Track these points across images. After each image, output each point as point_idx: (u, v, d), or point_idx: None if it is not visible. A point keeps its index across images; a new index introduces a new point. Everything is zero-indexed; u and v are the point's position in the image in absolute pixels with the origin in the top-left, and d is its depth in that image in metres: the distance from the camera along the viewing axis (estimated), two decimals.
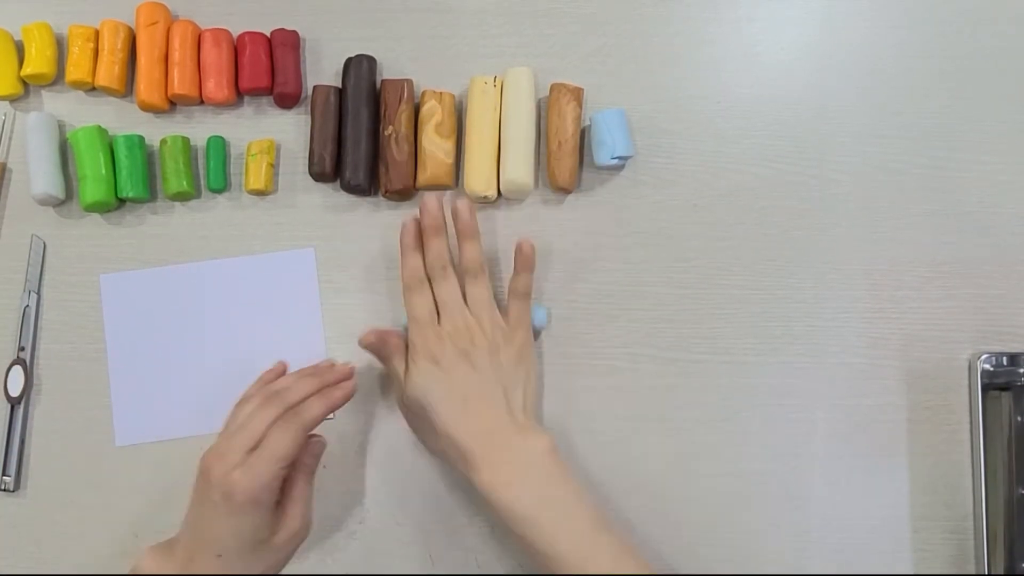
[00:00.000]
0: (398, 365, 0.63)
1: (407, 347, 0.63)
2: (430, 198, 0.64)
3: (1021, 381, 0.65)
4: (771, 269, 0.69)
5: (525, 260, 0.64)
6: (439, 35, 0.72)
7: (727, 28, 0.72)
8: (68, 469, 0.67)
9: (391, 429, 0.68)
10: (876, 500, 0.66)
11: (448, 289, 0.63)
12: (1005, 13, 0.72)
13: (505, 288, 0.69)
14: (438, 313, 0.63)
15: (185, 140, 0.70)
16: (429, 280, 0.64)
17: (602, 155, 0.68)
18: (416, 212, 0.65)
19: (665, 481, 0.67)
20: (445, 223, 0.65)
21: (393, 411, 0.67)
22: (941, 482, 0.66)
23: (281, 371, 0.64)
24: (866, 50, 0.72)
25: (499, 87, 0.69)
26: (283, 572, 0.65)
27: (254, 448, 0.55)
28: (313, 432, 0.59)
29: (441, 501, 0.67)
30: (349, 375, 0.62)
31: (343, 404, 0.61)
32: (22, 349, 0.68)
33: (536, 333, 0.68)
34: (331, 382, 0.61)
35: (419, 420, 0.63)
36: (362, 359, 0.67)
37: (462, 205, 0.64)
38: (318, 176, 0.69)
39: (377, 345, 0.63)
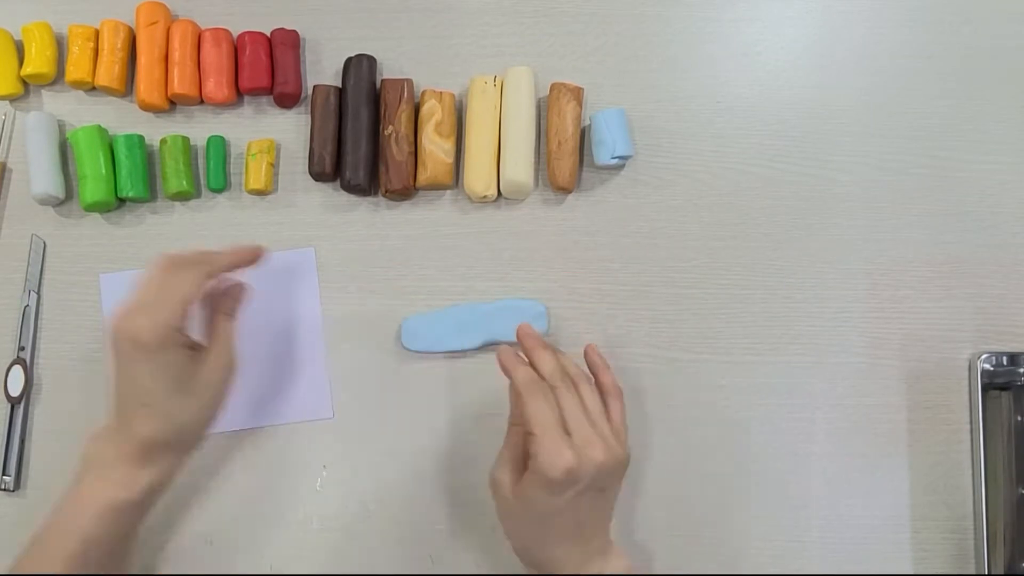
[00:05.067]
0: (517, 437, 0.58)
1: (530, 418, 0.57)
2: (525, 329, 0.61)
3: (1021, 381, 0.65)
4: (771, 269, 0.69)
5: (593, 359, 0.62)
6: (439, 35, 0.72)
7: (727, 28, 0.72)
8: (68, 469, 0.67)
9: (391, 429, 0.68)
10: (876, 500, 0.66)
11: (575, 401, 0.57)
12: (1005, 13, 0.72)
13: (507, 284, 0.69)
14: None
15: (185, 140, 0.70)
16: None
17: (602, 155, 0.68)
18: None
19: (665, 481, 0.67)
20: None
21: (393, 410, 0.68)
22: (941, 482, 0.66)
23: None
24: (866, 50, 0.72)
25: (499, 87, 0.69)
26: (283, 572, 0.65)
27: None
28: (236, 283, 0.62)
29: (441, 501, 0.67)
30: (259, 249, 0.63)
31: (252, 261, 0.62)
32: (22, 349, 0.68)
33: None
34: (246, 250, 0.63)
35: (521, 510, 0.57)
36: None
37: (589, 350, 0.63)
38: (318, 176, 0.69)
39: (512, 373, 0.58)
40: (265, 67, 0.70)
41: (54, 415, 0.68)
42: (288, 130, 0.71)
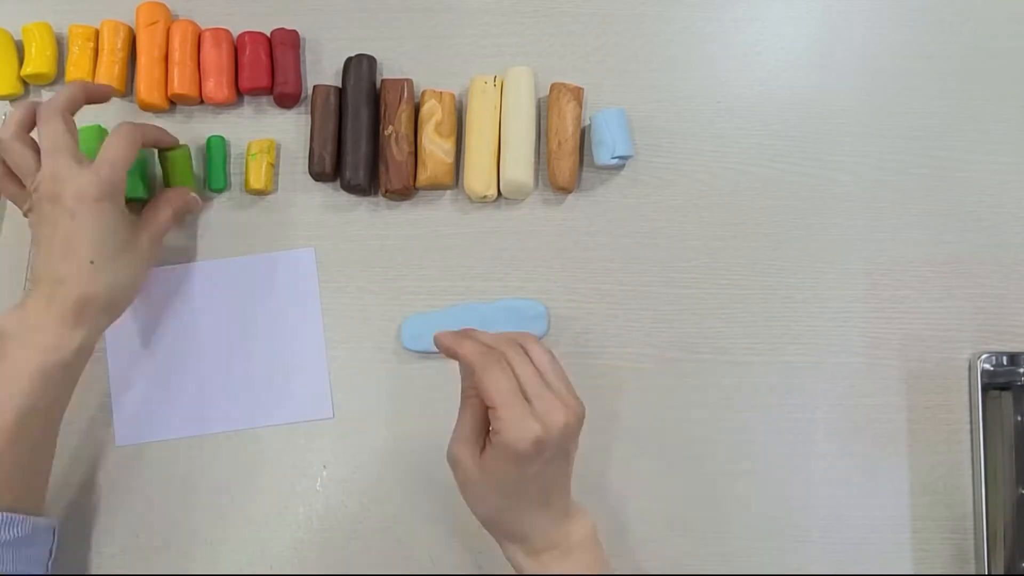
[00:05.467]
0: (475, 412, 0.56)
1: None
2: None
3: (1021, 381, 0.65)
4: (771, 269, 0.69)
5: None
6: (439, 35, 0.72)
7: (727, 28, 0.72)
8: (68, 469, 0.67)
9: (391, 429, 0.68)
10: (876, 500, 0.66)
11: (529, 366, 0.54)
12: (1005, 13, 0.72)
13: (507, 284, 0.69)
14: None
15: (185, 147, 0.69)
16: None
17: (602, 155, 0.68)
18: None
19: (665, 481, 0.67)
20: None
21: (393, 410, 0.68)
22: (941, 482, 0.66)
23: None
24: (866, 50, 0.72)
25: (499, 87, 0.69)
26: (284, 573, 0.65)
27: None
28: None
29: (441, 501, 0.67)
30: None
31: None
32: None
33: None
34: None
35: (483, 477, 0.55)
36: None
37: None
38: (318, 176, 0.69)
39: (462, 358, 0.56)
40: (265, 67, 0.70)
41: None
42: (288, 130, 0.71)
